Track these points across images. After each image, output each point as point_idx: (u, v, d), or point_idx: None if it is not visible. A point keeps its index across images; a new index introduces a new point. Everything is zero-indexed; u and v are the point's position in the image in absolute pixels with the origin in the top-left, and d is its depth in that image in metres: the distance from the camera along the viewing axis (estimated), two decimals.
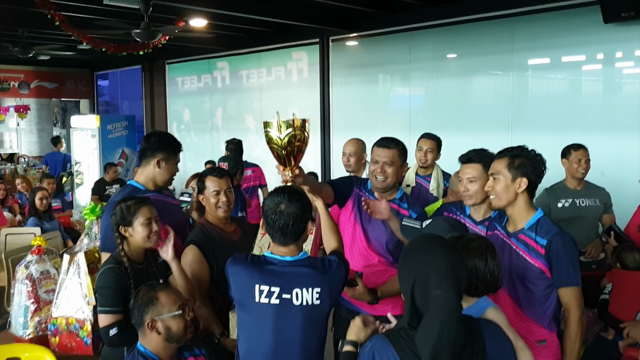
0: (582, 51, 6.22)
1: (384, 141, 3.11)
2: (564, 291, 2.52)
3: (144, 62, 11.45)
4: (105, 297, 2.64)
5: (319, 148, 8.49)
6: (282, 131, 2.59)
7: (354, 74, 8.26)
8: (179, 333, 2.39)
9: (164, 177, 3.21)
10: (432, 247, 1.82)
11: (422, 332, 1.72)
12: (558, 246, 2.49)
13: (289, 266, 2.30)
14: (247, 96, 9.76)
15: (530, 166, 2.58)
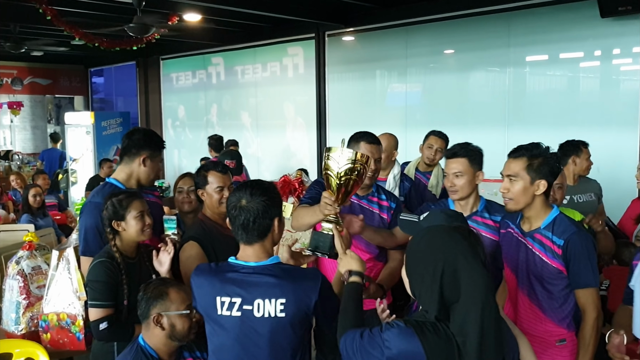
0: (579, 46, 6.19)
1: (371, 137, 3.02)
2: (581, 292, 2.48)
3: (139, 58, 11.38)
4: (96, 291, 2.61)
5: (314, 144, 8.45)
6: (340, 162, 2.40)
7: (350, 70, 8.22)
8: (183, 332, 2.38)
9: (149, 175, 3.11)
10: (451, 234, 1.76)
11: (462, 319, 1.64)
12: (576, 246, 2.44)
13: (252, 273, 2.12)
14: (243, 92, 9.71)
15: (548, 166, 2.51)
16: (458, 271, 1.66)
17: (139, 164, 3.05)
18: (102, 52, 9.37)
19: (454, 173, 2.89)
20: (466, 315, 1.64)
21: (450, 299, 1.67)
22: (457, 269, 1.66)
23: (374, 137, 3.01)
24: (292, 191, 3.32)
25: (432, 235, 1.78)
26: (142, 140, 3.08)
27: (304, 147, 8.70)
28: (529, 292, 2.57)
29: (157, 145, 3.12)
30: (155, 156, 3.09)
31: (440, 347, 1.66)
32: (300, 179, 3.34)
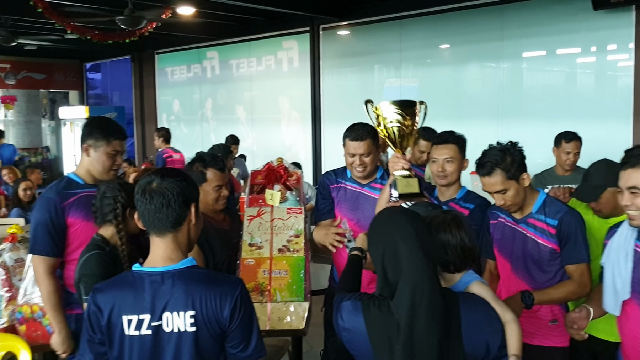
0: (573, 39, 6.16)
1: (355, 133, 3.03)
2: (573, 267, 2.54)
3: (134, 53, 11.33)
4: (88, 286, 2.43)
5: (309, 138, 8.40)
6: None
7: (344, 63, 8.17)
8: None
9: (95, 167, 2.88)
10: (395, 216, 1.90)
11: (397, 299, 1.75)
12: (570, 224, 2.52)
13: (159, 282, 1.81)
14: (237, 86, 9.67)
15: (519, 159, 2.55)
16: (398, 253, 1.77)
17: (85, 154, 2.90)
18: (97, 47, 9.30)
19: (445, 159, 2.91)
20: (401, 294, 1.74)
21: (393, 279, 1.77)
22: (397, 251, 1.78)
23: (358, 134, 3.00)
24: (278, 178, 3.26)
25: (377, 221, 1.94)
26: (85, 130, 2.90)
27: (299, 141, 8.65)
28: (525, 276, 2.62)
29: (101, 132, 2.86)
30: (99, 145, 2.85)
31: (380, 321, 1.78)
32: (283, 166, 3.28)
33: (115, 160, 2.89)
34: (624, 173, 2.19)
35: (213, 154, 3.21)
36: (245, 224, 3.07)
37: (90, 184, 2.89)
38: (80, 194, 2.85)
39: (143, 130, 11.53)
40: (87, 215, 2.80)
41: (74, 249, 2.86)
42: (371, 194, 3.10)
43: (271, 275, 2.91)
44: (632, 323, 2.25)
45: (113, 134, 2.87)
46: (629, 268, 2.24)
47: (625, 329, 2.30)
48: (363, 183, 3.15)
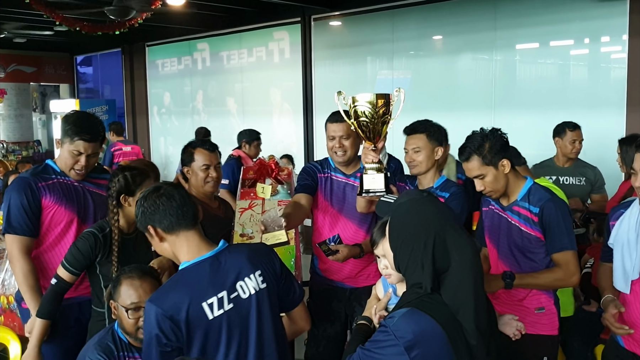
0: (566, 29, 6.12)
1: (335, 116, 3.04)
2: (558, 256, 2.52)
3: (124, 45, 11.23)
4: (71, 255, 2.64)
5: (301, 130, 8.36)
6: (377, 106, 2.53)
7: (336, 54, 8.11)
8: (128, 329, 2.31)
9: (60, 163, 2.87)
10: (436, 204, 1.80)
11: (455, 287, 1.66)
12: (551, 212, 2.50)
13: (218, 262, 2.03)
14: (228, 78, 9.59)
15: (498, 145, 2.56)
16: (447, 240, 1.68)
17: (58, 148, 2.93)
18: (87, 39, 9.23)
19: (413, 149, 2.97)
20: (459, 283, 1.66)
21: (441, 269, 1.68)
22: (446, 238, 1.68)
23: (338, 116, 2.99)
24: (270, 172, 3.29)
25: (418, 207, 1.77)
26: (62, 122, 2.90)
27: (290, 133, 8.60)
28: (511, 263, 2.62)
29: (69, 130, 2.81)
30: (64, 142, 2.82)
31: (447, 315, 1.65)
32: (274, 161, 3.32)
33: (78, 161, 2.82)
34: (637, 155, 2.30)
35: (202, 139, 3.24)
36: (237, 216, 3.13)
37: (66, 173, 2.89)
38: (55, 179, 2.86)
39: (134, 123, 11.45)
40: (60, 201, 2.83)
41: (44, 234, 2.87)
42: (356, 183, 3.10)
43: None
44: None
45: (78, 134, 2.79)
46: (639, 249, 2.31)
47: (636, 306, 2.36)
48: (348, 173, 3.16)
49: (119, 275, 2.37)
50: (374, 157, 2.64)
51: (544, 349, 2.62)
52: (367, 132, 2.59)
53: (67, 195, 2.87)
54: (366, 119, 2.54)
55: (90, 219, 2.93)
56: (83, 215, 2.92)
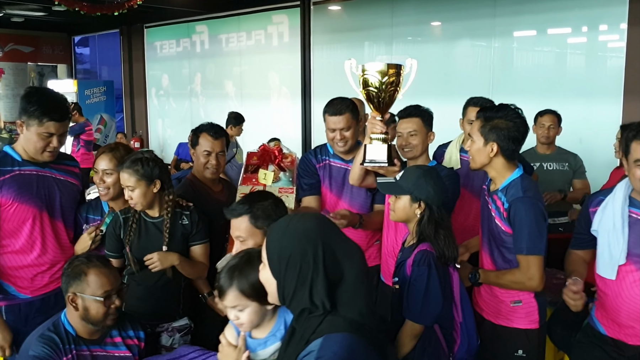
0: (565, 16, 6.10)
1: (334, 108, 3.06)
2: (519, 257, 2.46)
3: (122, 27, 11.18)
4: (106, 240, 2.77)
5: (299, 114, 8.36)
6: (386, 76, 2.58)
7: (335, 39, 8.09)
8: (97, 318, 2.26)
9: (28, 147, 2.60)
10: (313, 217, 1.64)
11: (351, 296, 1.51)
12: (517, 211, 2.42)
13: None
14: (227, 61, 9.56)
15: (503, 130, 2.47)
16: (336, 250, 1.52)
17: (20, 131, 2.61)
18: (85, 20, 9.16)
19: (409, 132, 2.98)
20: (356, 292, 1.52)
21: (335, 281, 1.51)
22: (335, 248, 1.52)
23: (336, 109, 3.03)
24: (273, 159, 3.29)
25: (297, 221, 1.58)
26: (21, 102, 2.59)
27: (288, 117, 8.60)
28: (490, 251, 2.61)
29: (35, 111, 2.53)
30: (31, 124, 2.54)
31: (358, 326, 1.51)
32: (279, 147, 3.32)
33: (50, 142, 2.59)
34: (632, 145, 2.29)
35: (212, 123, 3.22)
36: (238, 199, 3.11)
37: (29, 160, 2.66)
38: (16, 172, 2.62)
39: (132, 105, 11.42)
40: (20, 196, 2.62)
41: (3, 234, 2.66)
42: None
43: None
44: (629, 285, 2.33)
45: (47, 114, 2.54)
46: (625, 234, 2.31)
47: (621, 292, 2.36)
48: (347, 159, 3.18)
49: (80, 267, 2.27)
50: (382, 127, 2.67)
51: (518, 342, 2.58)
52: (375, 102, 2.63)
53: (28, 188, 2.64)
54: (375, 89, 2.57)
55: (57, 211, 2.75)
56: (50, 208, 2.71)
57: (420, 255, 2.30)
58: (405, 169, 2.49)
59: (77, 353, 2.28)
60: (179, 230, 2.76)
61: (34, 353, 2.20)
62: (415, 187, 2.36)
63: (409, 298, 2.28)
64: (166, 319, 2.76)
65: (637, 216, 2.33)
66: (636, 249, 2.31)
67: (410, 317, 2.30)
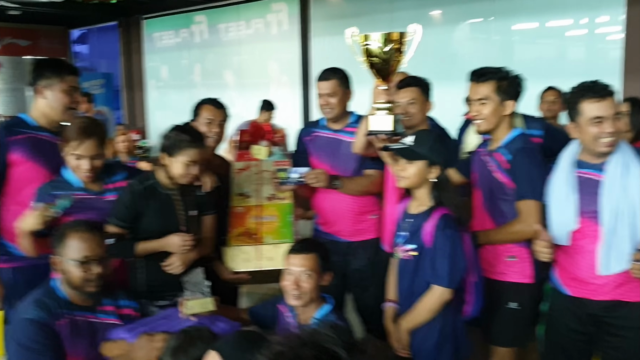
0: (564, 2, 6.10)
1: (322, 74, 3.20)
2: (519, 204, 2.54)
3: (120, 18, 11.12)
4: (115, 209, 2.69)
5: (299, 102, 8.34)
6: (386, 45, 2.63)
7: (335, 26, 8.04)
8: (76, 283, 2.28)
9: (54, 108, 2.76)
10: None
11: None
12: (519, 161, 2.54)
13: None
14: (226, 51, 9.52)
15: (514, 88, 2.64)
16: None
17: (41, 97, 2.78)
18: (83, 12, 9.12)
19: (407, 101, 3.05)
20: None
21: None
22: None
23: (324, 75, 3.20)
24: (264, 135, 3.34)
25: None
26: (34, 72, 2.81)
27: (288, 106, 8.56)
28: (488, 208, 2.69)
29: (52, 72, 2.77)
30: (53, 84, 2.75)
31: None
32: (269, 124, 3.36)
33: (74, 97, 2.80)
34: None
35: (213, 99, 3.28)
36: (234, 177, 3.18)
37: (43, 127, 2.78)
38: (29, 134, 2.75)
39: (131, 97, 11.38)
40: (33, 157, 2.72)
41: (13, 192, 2.76)
42: (345, 137, 3.21)
43: (260, 220, 3.01)
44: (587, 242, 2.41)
45: (65, 70, 2.78)
46: (574, 200, 2.41)
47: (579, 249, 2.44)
48: (337, 128, 3.25)
49: (64, 230, 2.34)
50: (385, 97, 2.69)
51: (511, 295, 2.68)
52: (379, 72, 2.66)
53: (40, 151, 2.76)
54: (377, 57, 2.56)
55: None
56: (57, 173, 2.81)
57: (443, 220, 2.35)
58: (416, 134, 2.50)
59: (71, 318, 2.29)
60: (194, 199, 2.81)
61: (29, 316, 2.21)
62: (432, 151, 2.39)
63: (436, 263, 2.33)
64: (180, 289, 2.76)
65: (587, 175, 2.43)
66: (589, 206, 2.39)
67: (440, 283, 2.35)
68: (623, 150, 2.41)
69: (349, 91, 3.22)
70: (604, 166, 2.40)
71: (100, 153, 2.63)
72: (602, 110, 2.33)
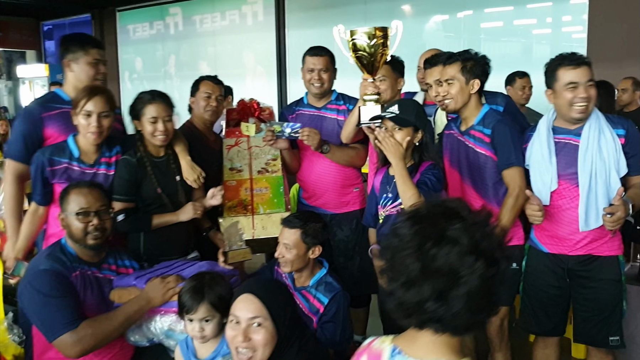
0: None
1: (314, 50, 3.36)
2: (506, 172, 2.73)
3: (94, 10, 11.09)
4: (117, 186, 2.80)
5: (275, 92, 8.49)
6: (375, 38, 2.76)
7: (309, 17, 8.23)
8: (77, 235, 2.44)
9: (81, 79, 2.92)
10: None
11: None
12: (500, 131, 2.73)
13: None
14: (201, 42, 9.61)
15: (480, 67, 2.80)
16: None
17: (68, 70, 2.96)
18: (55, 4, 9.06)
19: (377, 78, 3.12)
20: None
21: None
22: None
23: (317, 50, 3.35)
24: (252, 112, 3.46)
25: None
26: (61, 47, 2.98)
27: (264, 96, 8.66)
28: (472, 182, 2.86)
29: (77, 45, 2.94)
30: (78, 57, 2.92)
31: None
32: (256, 102, 3.49)
33: (99, 69, 2.96)
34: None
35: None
36: (225, 152, 3.29)
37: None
38: (63, 109, 2.89)
39: None
40: (67, 131, 2.86)
41: None
42: (327, 114, 3.40)
43: (253, 192, 3.17)
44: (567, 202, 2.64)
45: (89, 43, 2.95)
46: (554, 162, 2.61)
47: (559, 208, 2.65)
48: (319, 106, 3.42)
49: (67, 188, 2.51)
50: (374, 88, 2.86)
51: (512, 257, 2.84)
52: (365, 65, 2.82)
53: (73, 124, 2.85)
54: (364, 52, 2.75)
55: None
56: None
57: (431, 166, 2.63)
58: (399, 103, 2.70)
59: (81, 271, 2.45)
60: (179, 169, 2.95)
61: (46, 267, 2.36)
62: (417, 118, 2.63)
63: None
64: (181, 253, 2.95)
65: (563, 140, 2.65)
66: (567, 169, 2.61)
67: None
68: (597, 116, 2.61)
69: (335, 70, 3.41)
70: (579, 131, 2.60)
71: (108, 111, 2.74)
72: (576, 77, 2.52)
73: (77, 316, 2.30)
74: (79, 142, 2.79)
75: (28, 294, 2.34)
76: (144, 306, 2.39)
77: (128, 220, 2.77)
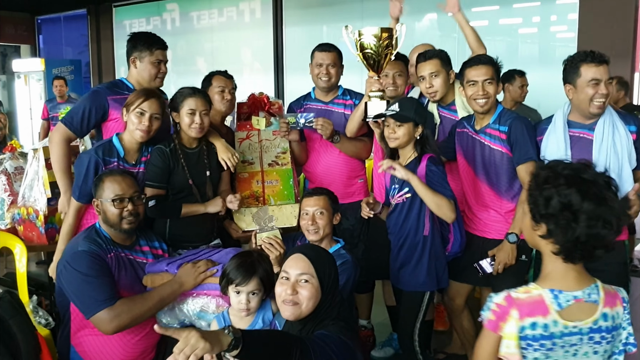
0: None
1: (323, 46, 3.54)
2: (521, 167, 2.87)
3: (90, 6, 11.13)
4: (149, 173, 2.95)
5: (272, 89, 8.58)
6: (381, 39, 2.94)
7: (307, 14, 8.34)
8: (113, 220, 2.58)
9: (143, 77, 3.15)
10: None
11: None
12: (517, 127, 2.88)
13: None
14: (198, 38, 9.69)
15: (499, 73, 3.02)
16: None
17: (132, 66, 3.16)
18: None
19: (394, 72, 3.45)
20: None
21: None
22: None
23: (326, 46, 3.53)
24: (262, 106, 3.58)
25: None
26: (129, 44, 3.19)
27: None
28: (486, 178, 3.01)
29: (143, 45, 3.13)
30: (143, 56, 3.13)
31: None
32: (266, 96, 3.61)
33: (160, 69, 3.18)
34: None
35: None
36: (236, 146, 3.40)
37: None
38: (127, 95, 3.02)
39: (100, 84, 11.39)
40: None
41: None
42: (334, 109, 3.56)
43: (264, 184, 3.29)
44: None
45: (155, 44, 3.16)
46: (569, 154, 2.74)
47: None
48: (326, 100, 3.58)
49: (101, 176, 2.66)
50: (379, 85, 3.03)
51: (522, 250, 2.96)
52: (371, 63, 3.00)
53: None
54: (371, 50, 2.90)
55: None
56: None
57: (432, 160, 2.80)
58: (400, 102, 2.87)
59: (115, 253, 2.59)
60: (215, 157, 3.10)
61: (84, 249, 2.49)
62: (417, 114, 2.81)
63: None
64: (204, 240, 3.09)
65: (577, 134, 2.79)
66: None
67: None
68: (610, 112, 2.76)
69: (342, 66, 3.57)
70: (593, 126, 2.74)
71: (159, 115, 2.89)
72: (599, 74, 2.65)
73: (113, 294, 2.44)
74: (123, 141, 2.94)
75: (67, 274, 2.48)
76: (177, 289, 2.53)
77: (159, 207, 2.91)
